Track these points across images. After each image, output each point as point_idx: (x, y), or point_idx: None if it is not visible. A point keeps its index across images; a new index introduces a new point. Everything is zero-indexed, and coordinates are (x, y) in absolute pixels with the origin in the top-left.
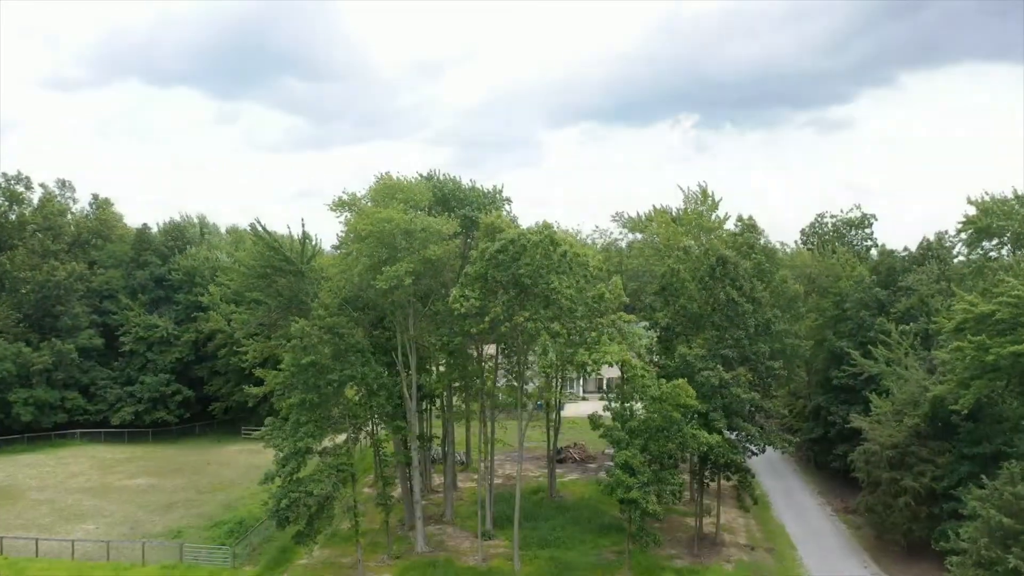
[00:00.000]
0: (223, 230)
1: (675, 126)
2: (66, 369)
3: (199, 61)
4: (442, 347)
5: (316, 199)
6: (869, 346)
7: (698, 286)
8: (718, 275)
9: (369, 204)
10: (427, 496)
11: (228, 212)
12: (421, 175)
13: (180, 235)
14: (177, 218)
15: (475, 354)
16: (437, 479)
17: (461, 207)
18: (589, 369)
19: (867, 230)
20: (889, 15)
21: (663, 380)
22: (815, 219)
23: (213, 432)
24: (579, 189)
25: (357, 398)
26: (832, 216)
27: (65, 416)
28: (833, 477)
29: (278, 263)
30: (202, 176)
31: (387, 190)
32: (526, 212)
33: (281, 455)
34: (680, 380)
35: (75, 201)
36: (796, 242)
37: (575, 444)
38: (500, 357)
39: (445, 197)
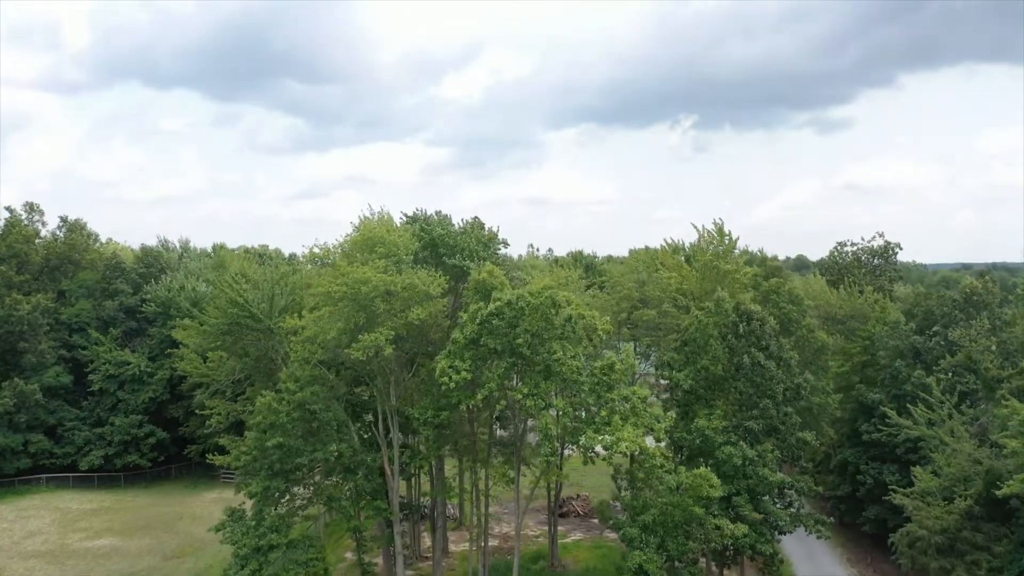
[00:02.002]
0: (210, 247)
1: (674, 127)
2: (29, 411)
3: (199, 63)
4: (426, 423)
5: (316, 200)
6: (908, 404)
7: (721, 344)
8: (742, 332)
9: (349, 248)
10: (414, 565)
11: (228, 214)
12: (407, 215)
13: (155, 261)
14: (154, 242)
15: (466, 414)
16: (428, 540)
17: (451, 255)
18: (603, 456)
19: (891, 259)
20: (887, 16)
21: (682, 468)
22: (835, 247)
23: (190, 475)
24: (579, 189)
25: (331, 480)
26: (853, 244)
27: (29, 461)
28: (861, 538)
29: (243, 320)
30: (202, 178)
31: (366, 242)
32: (526, 213)
33: (241, 552)
34: (702, 469)
35: (44, 225)
36: (815, 273)
37: (578, 496)
38: (495, 426)
39: (433, 242)
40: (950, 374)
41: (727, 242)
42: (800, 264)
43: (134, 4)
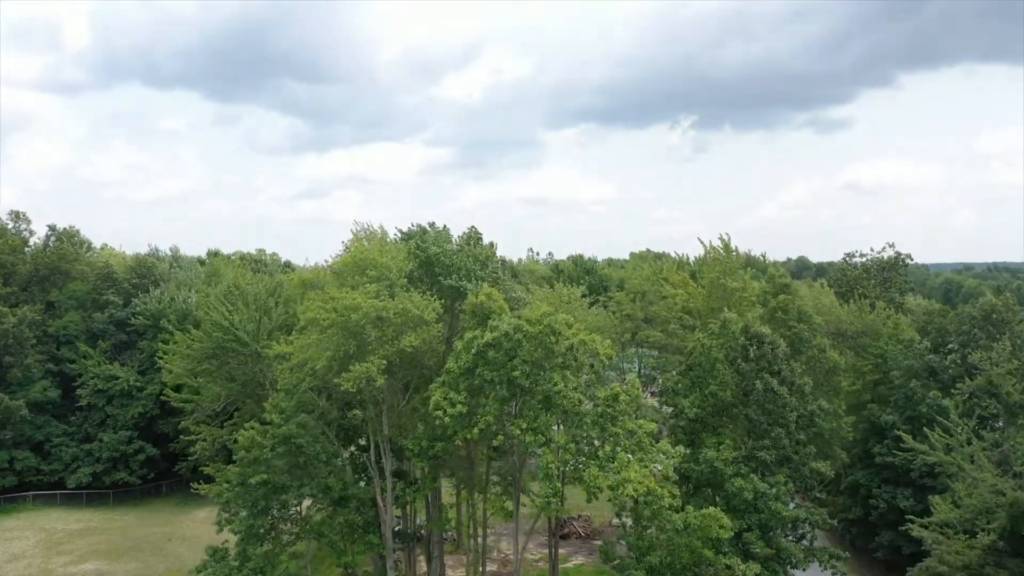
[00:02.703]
0: (204, 252)
1: (674, 127)
2: (15, 427)
3: (199, 63)
4: (420, 453)
5: (317, 201)
6: (925, 428)
7: (729, 368)
8: (752, 356)
9: (340, 268)
10: None
11: (228, 214)
12: (401, 231)
13: (148, 272)
14: (147, 249)
15: (462, 444)
16: (424, 565)
17: (447, 274)
18: (609, 498)
19: (901, 270)
20: (887, 16)
21: (690, 507)
22: (844, 259)
23: (180, 491)
24: (579, 189)
25: (319, 507)
26: (862, 256)
27: (15, 479)
28: (874, 564)
29: (228, 344)
30: (202, 178)
31: (356, 265)
32: (526, 213)
33: None
34: (712, 510)
35: (32, 233)
36: (822, 284)
37: (579, 516)
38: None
39: (429, 260)
40: (968, 395)
41: (734, 258)
42: (801, 266)
43: (134, 4)
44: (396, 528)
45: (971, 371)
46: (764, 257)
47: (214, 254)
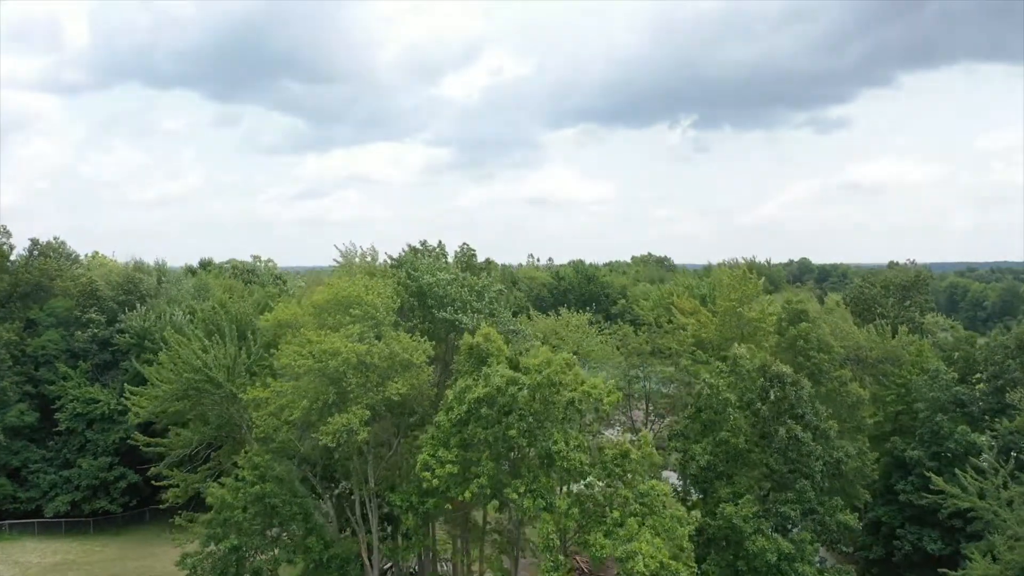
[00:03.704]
0: (197, 260)
1: (674, 127)
2: None
3: (199, 63)
4: (410, 508)
5: (317, 200)
6: (956, 469)
7: (744, 411)
8: (773, 399)
9: (323, 300)
10: None
11: (228, 214)
12: (391, 258)
13: (135, 288)
14: (136, 259)
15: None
16: None
17: (441, 307)
18: (618, 573)
19: (922, 291)
20: (887, 16)
21: None
22: (863, 277)
23: (163, 520)
24: (579, 189)
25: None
26: (875, 266)
27: None
28: None
29: (201, 385)
30: (202, 178)
31: (339, 303)
32: (526, 213)
33: None
34: None
35: (12, 248)
36: (839, 303)
37: (581, 552)
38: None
39: (421, 291)
40: (1004, 436)
41: (751, 284)
42: (803, 268)
43: (134, 4)
44: (387, 568)
45: (1004, 406)
46: (768, 263)
47: (206, 264)
